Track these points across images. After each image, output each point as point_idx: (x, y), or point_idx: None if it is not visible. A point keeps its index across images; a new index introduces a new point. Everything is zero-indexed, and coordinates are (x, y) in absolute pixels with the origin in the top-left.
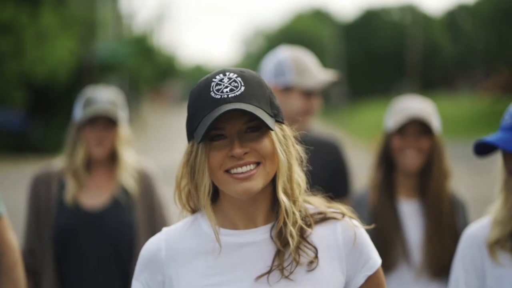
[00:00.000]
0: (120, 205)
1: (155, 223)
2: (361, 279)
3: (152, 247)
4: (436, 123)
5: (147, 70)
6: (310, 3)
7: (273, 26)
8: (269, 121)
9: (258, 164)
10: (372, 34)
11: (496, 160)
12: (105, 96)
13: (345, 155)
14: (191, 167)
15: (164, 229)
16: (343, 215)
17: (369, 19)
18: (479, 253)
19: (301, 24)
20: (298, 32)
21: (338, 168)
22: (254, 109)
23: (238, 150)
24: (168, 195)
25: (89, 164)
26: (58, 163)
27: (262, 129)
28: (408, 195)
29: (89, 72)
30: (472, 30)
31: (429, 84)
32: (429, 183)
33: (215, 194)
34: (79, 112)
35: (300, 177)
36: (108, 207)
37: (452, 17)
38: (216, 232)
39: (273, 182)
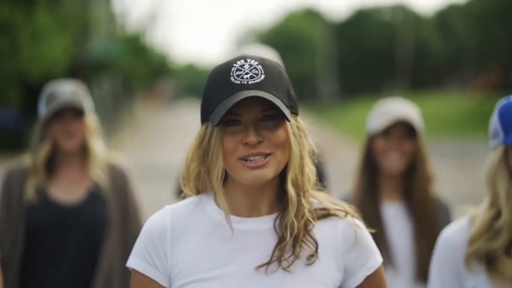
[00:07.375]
0: (96, 199)
1: (128, 220)
2: (360, 278)
3: (158, 225)
4: (419, 125)
5: (140, 69)
6: (302, 3)
7: (265, 25)
8: (286, 111)
9: (269, 154)
10: (363, 33)
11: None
12: (67, 88)
13: (323, 158)
14: (203, 150)
15: (168, 208)
16: (346, 213)
17: (360, 19)
18: (455, 258)
19: (293, 23)
20: (290, 31)
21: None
22: (273, 98)
23: (253, 138)
24: (160, 192)
25: (60, 159)
26: (29, 159)
27: (277, 118)
28: (392, 197)
29: (83, 71)
30: (463, 29)
31: (419, 83)
32: (413, 186)
33: (224, 179)
34: (43, 109)
35: (310, 170)
36: (84, 202)
37: (443, 16)
38: (228, 219)
39: (281, 173)
